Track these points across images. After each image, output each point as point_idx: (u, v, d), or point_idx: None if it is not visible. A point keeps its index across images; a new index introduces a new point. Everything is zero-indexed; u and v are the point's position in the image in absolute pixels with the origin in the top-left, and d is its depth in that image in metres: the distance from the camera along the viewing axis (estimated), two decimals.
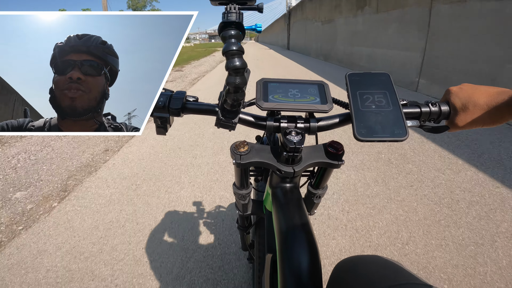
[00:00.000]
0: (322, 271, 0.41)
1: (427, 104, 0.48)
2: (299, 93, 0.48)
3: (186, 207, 1.72)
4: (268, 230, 0.66)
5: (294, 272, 0.40)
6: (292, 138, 0.45)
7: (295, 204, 0.50)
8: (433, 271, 1.23)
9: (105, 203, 1.78)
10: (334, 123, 0.49)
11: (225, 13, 0.38)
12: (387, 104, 0.44)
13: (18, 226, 1.60)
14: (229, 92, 0.42)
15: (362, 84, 0.47)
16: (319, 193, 0.62)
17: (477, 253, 1.30)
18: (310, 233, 0.44)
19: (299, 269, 0.40)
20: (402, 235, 1.43)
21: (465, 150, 2.35)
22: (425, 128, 0.49)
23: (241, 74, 0.39)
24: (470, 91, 0.44)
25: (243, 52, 0.38)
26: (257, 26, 0.42)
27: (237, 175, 0.58)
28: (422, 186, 1.85)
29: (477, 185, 1.82)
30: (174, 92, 0.48)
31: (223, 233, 1.49)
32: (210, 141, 2.74)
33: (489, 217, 1.52)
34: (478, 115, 0.43)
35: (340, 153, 0.49)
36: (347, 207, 1.67)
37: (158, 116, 0.46)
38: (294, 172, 0.47)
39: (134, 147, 2.66)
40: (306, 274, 0.39)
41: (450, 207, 1.62)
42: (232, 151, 0.49)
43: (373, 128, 0.42)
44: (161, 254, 1.37)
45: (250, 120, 0.49)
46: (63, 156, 2.53)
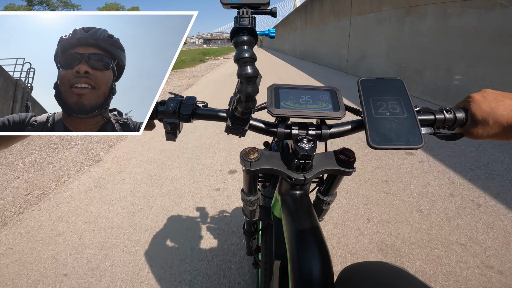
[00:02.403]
0: (334, 279, 0.40)
1: (441, 111, 0.46)
2: (311, 99, 0.47)
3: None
4: (276, 237, 0.65)
5: (306, 280, 0.39)
6: (304, 145, 0.44)
7: (306, 212, 0.49)
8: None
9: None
10: (346, 130, 0.48)
11: (238, 18, 0.37)
12: (402, 111, 0.43)
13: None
14: (240, 100, 0.41)
15: (375, 90, 0.46)
16: (328, 199, 0.61)
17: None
18: (321, 241, 0.44)
19: (311, 276, 0.39)
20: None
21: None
22: (439, 136, 0.47)
23: (253, 83, 0.38)
24: (494, 104, 0.42)
25: (255, 59, 0.37)
26: (270, 32, 0.41)
27: (246, 181, 0.58)
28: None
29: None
30: (184, 97, 0.48)
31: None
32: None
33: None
34: (497, 131, 0.41)
35: (352, 160, 0.48)
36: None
37: (168, 122, 0.46)
38: (305, 179, 0.47)
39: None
40: (318, 282, 0.39)
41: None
42: (242, 157, 0.48)
43: (388, 135, 0.41)
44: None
45: (261, 126, 0.48)
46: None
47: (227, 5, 0.38)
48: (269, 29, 0.43)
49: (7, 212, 1.77)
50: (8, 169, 2.38)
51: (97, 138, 2.99)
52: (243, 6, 0.38)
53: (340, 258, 1.33)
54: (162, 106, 0.46)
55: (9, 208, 1.81)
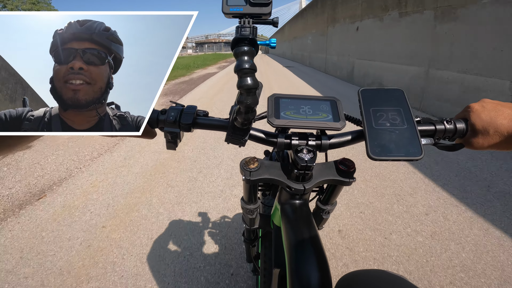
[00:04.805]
0: (332, 287, 0.40)
1: (441, 121, 0.46)
2: (311, 110, 0.47)
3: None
4: (275, 245, 0.65)
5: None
6: (304, 156, 0.44)
7: (305, 221, 0.49)
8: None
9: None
10: (346, 140, 0.48)
11: (239, 28, 0.37)
12: (402, 122, 0.43)
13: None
14: (240, 111, 0.41)
15: (376, 100, 0.46)
16: (328, 209, 0.60)
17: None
18: (320, 250, 0.43)
19: (309, 285, 0.39)
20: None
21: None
22: (439, 146, 0.47)
23: (253, 94, 0.38)
24: (493, 113, 0.42)
25: (255, 70, 0.36)
26: (271, 42, 0.41)
27: (246, 190, 0.57)
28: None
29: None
30: (185, 106, 0.48)
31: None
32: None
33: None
34: (497, 141, 0.41)
35: (352, 170, 0.48)
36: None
37: (168, 131, 0.46)
38: (304, 189, 0.46)
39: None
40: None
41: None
42: (242, 167, 0.48)
43: (388, 146, 0.40)
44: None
45: (261, 136, 0.48)
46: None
47: (228, 15, 0.38)
48: (270, 39, 0.43)
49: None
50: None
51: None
52: (245, 16, 0.38)
53: None
54: (163, 115, 0.46)
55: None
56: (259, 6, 0.38)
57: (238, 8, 0.38)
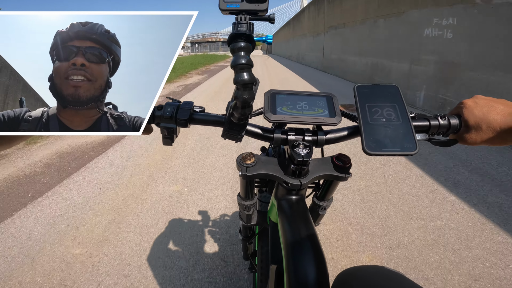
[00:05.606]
0: (330, 284, 0.40)
1: (436, 117, 0.47)
2: (307, 105, 0.47)
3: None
4: (272, 241, 0.65)
5: (301, 284, 0.39)
6: (300, 151, 0.44)
7: (302, 217, 0.49)
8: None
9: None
10: (342, 136, 0.48)
11: (236, 24, 0.37)
12: (397, 118, 0.43)
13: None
14: (236, 106, 0.41)
15: (371, 96, 0.46)
16: (324, 204, 0.61)
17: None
18: (317, 245, 0.44)
19: (306, 281, 0.39)
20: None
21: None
22: (433, 142, 0.48)
23: (249, 89, 0.38)
24: (486, 109, 0.42)
25: (252, 66, 0.37)
26: (267, 38, 0.42)
27: (242, 186, 0.58)
28: None
29: None
30: (182, 102, 0.48)
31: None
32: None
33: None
34: (490, 136, 0.42)
35: (348, 166, 0.48)
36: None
37: (165, 127, 0.46)
38: (301, 184, 0.47)
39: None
40: (314, 286, 0.39)
41: None
42: (238, 163, 0.48)
43: (383, 142, 0.41)
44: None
45: (257, 132, 0.49)
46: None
47: (225, 11, 0.38)
48: (267, 35, 0.43)
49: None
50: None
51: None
52: (241, 12, 0.38)
53: None
54: (159, 110, 0.46)
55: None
56: (255, 3, 0.38)
57: (234, 5, 0.38)
